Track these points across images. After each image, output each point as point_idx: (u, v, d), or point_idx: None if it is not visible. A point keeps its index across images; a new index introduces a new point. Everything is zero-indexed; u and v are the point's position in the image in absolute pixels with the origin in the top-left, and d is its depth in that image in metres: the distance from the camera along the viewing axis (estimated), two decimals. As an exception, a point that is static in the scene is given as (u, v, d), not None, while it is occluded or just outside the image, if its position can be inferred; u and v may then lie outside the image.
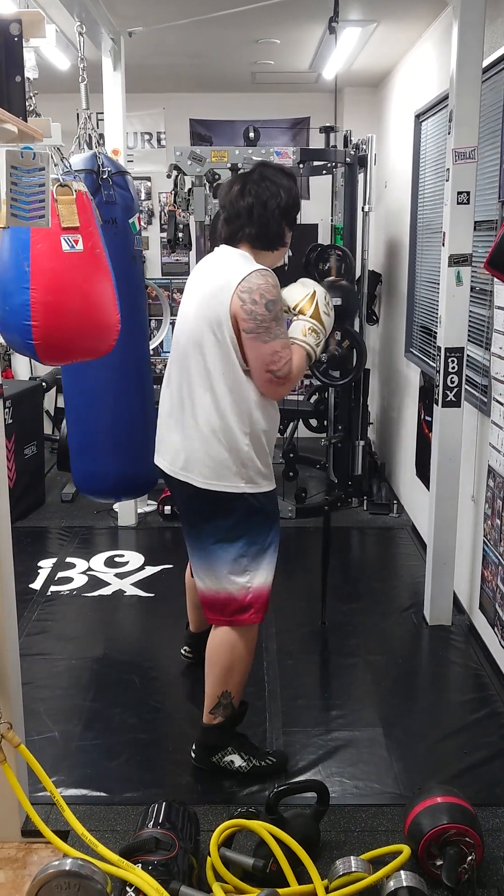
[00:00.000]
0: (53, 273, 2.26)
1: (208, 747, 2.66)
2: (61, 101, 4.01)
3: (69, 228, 2.23)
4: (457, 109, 3.20)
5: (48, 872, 2.00)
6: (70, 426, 3.52)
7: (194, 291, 2.55)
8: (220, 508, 2.52)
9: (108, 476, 3.49)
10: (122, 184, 3.26)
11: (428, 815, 2.22)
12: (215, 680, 2.64)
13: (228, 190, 2.57)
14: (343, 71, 5.56)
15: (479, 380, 3.52)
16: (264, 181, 2.52)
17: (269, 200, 2.49)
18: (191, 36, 4.64)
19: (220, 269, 2.50)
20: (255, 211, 2.49)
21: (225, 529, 2.53)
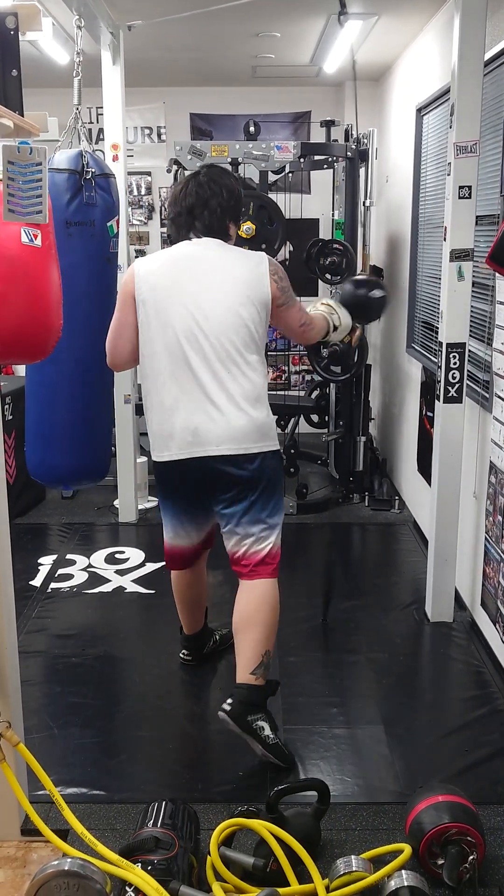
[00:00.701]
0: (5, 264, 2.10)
1: (250, 704, 2.64)
2: (61, 96, 3.98)
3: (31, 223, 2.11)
4: (458, 103, 3.17)
5: (47, 872, 1.99)
6: (28, 414, 3.53)
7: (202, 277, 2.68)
8: (277, 466, 2.80)
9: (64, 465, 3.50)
10: (105, 186, 3.24)
11: (429, 813, 2.21)
12: (259, 638, 2.70)
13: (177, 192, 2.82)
14: (344, 65, 5.53)
15: (480, 375, 3.50)
16: (205, 178, 2.77)
17: (209, 199, 2.75)
18: (191, 29, 4.61)
19: (235, 258, 2.74)
20: (196, 209, 2.75)
21: (276, 483, 2.81)
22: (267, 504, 2.75)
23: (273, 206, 4.61)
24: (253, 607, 2.73)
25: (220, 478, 2.72)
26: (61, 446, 3.39)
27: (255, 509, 2.74)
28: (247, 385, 2.66)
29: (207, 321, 2.63)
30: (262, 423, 2.70)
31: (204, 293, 2.65)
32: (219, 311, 2.64)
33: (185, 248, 2.75)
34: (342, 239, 5.12)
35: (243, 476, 2.71)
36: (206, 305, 2.64)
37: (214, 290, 2.66)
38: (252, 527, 2.75)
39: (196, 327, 2.64)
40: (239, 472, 2.70)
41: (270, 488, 2.76)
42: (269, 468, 2.75)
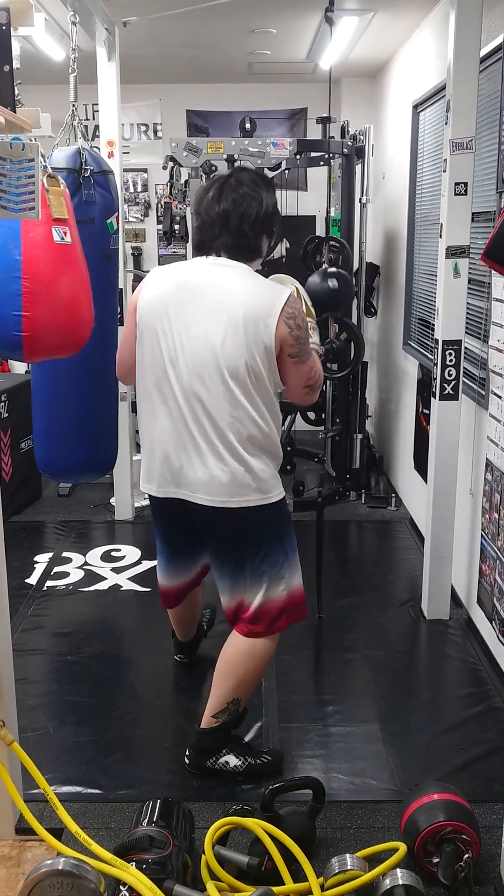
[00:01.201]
0: (45, 263, 2.22)
1: (204, 751, 2.61)
2: (56, 92, 3.97)
3: (59, 220, 2.20)
4: (454, 99, 3.17)
5: (41, 871, 1.98)
6: (34, 409, 3.53)
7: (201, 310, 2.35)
8: (267, 521, 2.48)
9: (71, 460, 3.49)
10: (104, 183, 3.23)
11: (424, 812, 2.20)
12: (229, 687, 2.58)
13: (203, 195, 2.46)
14: (340, 61, 5.52)
15: (476, 372, 3.49)
16: (241, 187, 2.41)
17: (246, 209, 2.39)
18: (187, 26, 4.60)
19: (249, 291, 2.35)
20: (231, 220, 2.39)
21: (271, 540, 2.51)
22: (255, 559, 2.50)
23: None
24: (231, 655, 2.59)
25: (201, 523, 2.52)
26: (66, 440, 3.39)
27: (241, 563, 2.51)
28: (233, 432, 2.36)
29: (199, 355, 2.34)
30: (247, 475, 2.38)
31: (199, 325, 2.34)
32: (207, 348, 2.33)
33: (198, 269, 2.43)
34: (339, 236, 5.11)
35: (223, 529, 2.50)
36: (198, 340, 2.34)
37: (212, 325, 2.33)
38: (238, 581, 2.53)
39: (185, 360, 2.36)
40: (218, 524, 2.48)
41: (258, 543, 2.49)
42: (257, 523, 2.46)
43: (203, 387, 2.35)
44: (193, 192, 4.70)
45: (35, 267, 2.20)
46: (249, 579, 2.52)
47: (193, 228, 2.51)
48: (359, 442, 5.25)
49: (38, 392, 3.46)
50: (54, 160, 3.15)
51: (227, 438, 2.36)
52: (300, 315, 2.36)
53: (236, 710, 2.60)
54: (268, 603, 2.53)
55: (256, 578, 2.52)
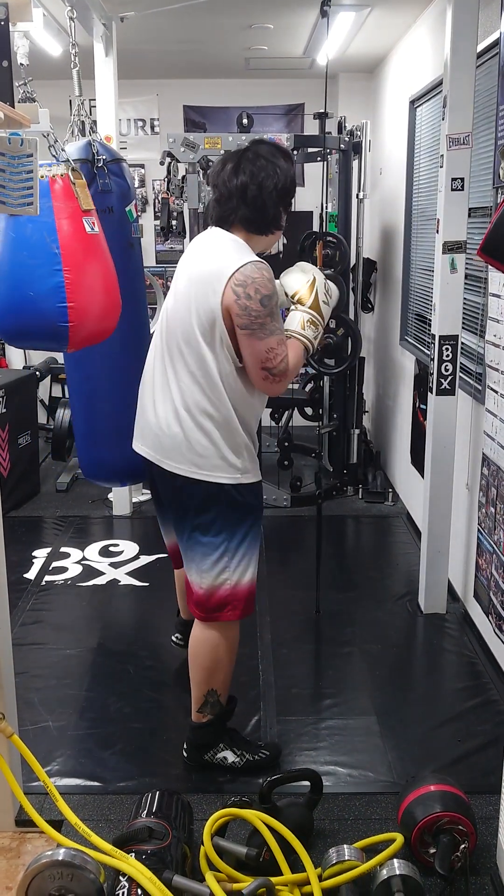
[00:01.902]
0: (81, 253, 2.28)
1: (200, 746, 2.62)
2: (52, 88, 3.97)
3: (87, 210, 2.26)
4: (451, 95, 3.18)
5: (41, 862, 2.00)
6: (75, 414, 3.50)
7: (184, 273, 2.43)
8: (203, 500, 2.41)
9: (114, 461, 3.46)
10: (118, 171, 3.23)
11: (421, 803, 2.22)
12: (200, 679, 2.58)
13: (221, 168, 2.42)
14: (337, 56, 5.52)
15: (473, 367, 3.51)
16: (259, 159, 2.38)
17: (264, 180, 2.35)
18: (183, 21, 4.60)
19: (211, 254, 2.37)
20: (250, 191, 2.36)
21: (207, 522, 2.42)
22: (201, 536, 2.43)
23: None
24: (192, 645, 2.57)
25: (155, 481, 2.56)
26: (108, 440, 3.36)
27: (191, 536, 2.45)
28: (185, 393, 2.36)
29: (171, 313, 2.42)
30: (190, 443, 2.36)
31: (175, 286, 2.44)
32: (174, 310, 2.40)
33: (203, 234, 2.50)
34: (336, 231, 5.11)
35: (165, 492, 2.52)
36: (170, 300, 2.44)
37: (182, 283, 2.40)
38: (190, 553, 2.47)
39: (167, 317, 2.44)
40: (160, 484, 2.52)
41: (195, 520, 2.42)
42: (195, 500, 2.41)
43: (167, 350, 2.41)
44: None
45: (73, 258, 2.26)
46: (190, 555, 2.48)
47: (211, 201, 2.47)
48: (356, 437, 5.26)
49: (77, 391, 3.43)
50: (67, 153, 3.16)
51: (176, 401, 2.37)
52: (252, 285, 2.26)
53: (216, 702, 2.58)
54: (209, 588, 2.45)
55: (198, 557, 2.45)
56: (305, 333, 2.44)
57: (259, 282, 2.27)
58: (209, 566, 2.44)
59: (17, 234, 2.27)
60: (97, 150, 3.15)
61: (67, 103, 3.39)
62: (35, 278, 2.27)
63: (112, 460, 3.41)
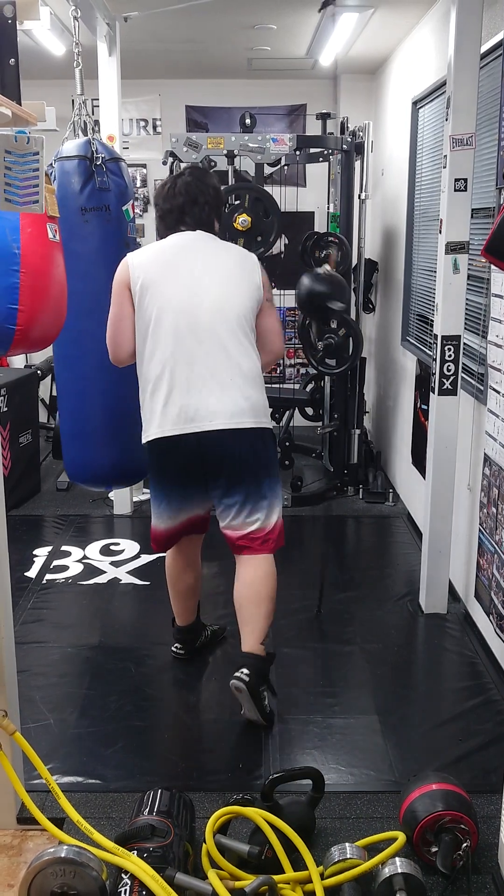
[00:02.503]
0: (40, 258, 2.22)
1: (262, 675, 2.82)
2: (56, 87, 3.99)
3: (52, 217, 2.21)
4: (454, 96, 3.18)
5: (44, 860, 2.00)
6: (62, 414, 3.49)
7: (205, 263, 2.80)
8: (270, 445, 2.89)
9: (101, 465, 3.45)
10: (116, 170, 3.24)
11: (423, 801, 2.22)
12: (267, 611, 2.87)
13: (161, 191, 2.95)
14: (340, 57, 5.53)
15: (475, 368, 3.51)
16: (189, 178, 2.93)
17: (198, 196, 2.89)
18: (187, 21, 4.61)
19: (226, 246, 2.92)
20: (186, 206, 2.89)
21: (273, 464, 2.92)
22: (265, 481, 2.85)
23: (269, 198, 4.62)
24: (260, 583, 2.86)
25: (215, 454, 2.80)
26: (94, 442, 3.36)
27: (253, 487, 2.83)
28: (245, 364, 2.77)
29: (210, 301, 2.75)
30: (256, 402, 2.80)
31: (204, 275, 2.78)
32: (220, 292, 2.77)
33: (177, 238, 2.88)
34: (338, 232, 5.12)
35: (240, 452, 2.80)
36: (207, 286, 2.76)
37: (213, 272, 2.79)
38: (253, 504, 2.84)
39: (198, 307, 2.74)
40: (236, 448, 2.79)
41: (267, 465, 2.87)
42: (264, 446, 2.86)
43: (221, 327, 2.75)
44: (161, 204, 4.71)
45: (32, 261, 2.20)
46: (268, 499, 2.87)
47: (157, 218, 2.96)
48: (357, 437, 5.27)
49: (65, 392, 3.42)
50: (65, 150, 3.16)
51: (241, 371, 2.76)
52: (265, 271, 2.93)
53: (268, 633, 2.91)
54: (279, 520, 2.91)
55: (272, 498, 2.88)
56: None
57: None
58: (277, 502, 2.91)
59: None
60: (96, 149, 3.15)
61: (70, 103, 3.41)
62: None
63: (100, 463, 3.41)
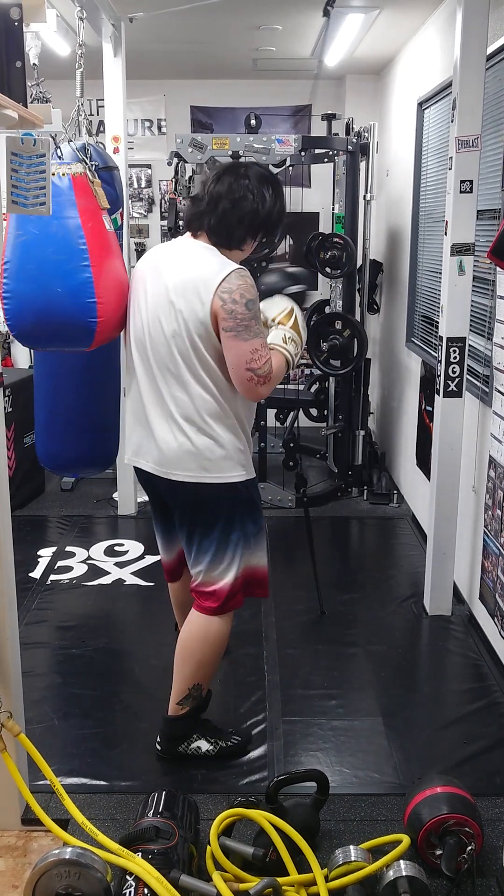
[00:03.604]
0: (104, 250, 2.31)
1: (175, 737, 2.66)
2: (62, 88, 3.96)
3: (105, 209, 2.29)
4: (460, 97, 3.17)
5: (48, 861, 2.00)
6: (36, 406, 3.53)
7: (157, 284, 2.42)
8: (217, 500, 2.47)
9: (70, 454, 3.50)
10: (108, 179, 3.23)
11: (427, 804, 2.22)
12: (189, 673, 2.61)
13: (210, 174, 2.52)
14: (345, 58, 5.52)
15: (480, 370, 3.51)
16: (245, 179, 2.42)
17: (240, 199, 2.40)
18: (192, 22, 4.60)
19: (189, 264, 2.39)
20: (222, 204, 2.40)
21: (224, 520, 2.50)
22: (207, 538, 2.51)
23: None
24: (189, 640, 2.60)
25: (163, 492, 2.58)
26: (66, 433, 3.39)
27: (195, 540, 2.53)
28: (184, 404, 2.39)
29: (152, 327, 2.42)
30: (199, 449, 2.41)
31: (156, 297, 2.42)
32: (159, 319, 2.40)
33: (171, 245, 2.55)
34: (342, 233, 5.12)
35: (175, 502, 2.54)
36: (153, 311, 2.42)
37: (162, 295, 2.40)
38: (197, 556, 2.55)
39: (146, 332, 2.44)
40: (171, 496, 2.54)
41: (211, 524, 2.49)
42: (208, 502, 2.47)
43: (157, 360, 2.42)
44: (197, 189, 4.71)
45: (98, 255, 2.31)
46: (202, 555, 2.53)
47: (187, 204, 2.59)
48: (361, 439, 5.26)
49: (40, 386, 3.46)
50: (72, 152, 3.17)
51: (176, 412, 2.41)
52: (238, 290, 2.31)
53: (199, 695, 2.63)
54: (227, 581, 2.53)
55: (221, 554, 2.51)
56: (287, 347, 2.53)
57: (243, 287, 2.34)
58: (227, 560, 2.52)
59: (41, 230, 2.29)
60: (90, 155, 3.15)
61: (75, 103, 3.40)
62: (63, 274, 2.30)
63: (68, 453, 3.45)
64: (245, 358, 2.34)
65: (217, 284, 2.31)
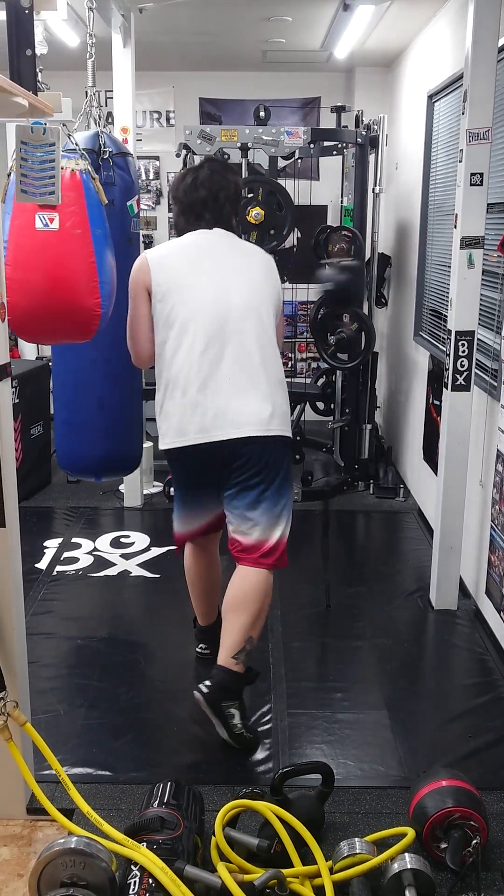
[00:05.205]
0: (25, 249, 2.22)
1: (227, 690, 2.65)
2: (71, 79, 3.95)
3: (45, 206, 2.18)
4: (471, 89, 3.16)
5: (53, 850, 2.00)
6: (56, 404, 3.50)
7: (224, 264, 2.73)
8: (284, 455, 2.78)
9: (92, 456, 3.45)
10: (123, 165, 3.22)
11: (433, 798, 2.22)
12: (245, 624, 2.68)
13: (179, 183, 2.84)
14: (355, 50, 5.50)
15: (489, 363, 3.49)
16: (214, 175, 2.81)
17: (220, 192, 2.79)
18: (202, 13, 4.59)
19: (248, 248, 2.86)
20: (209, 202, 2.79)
21: (288, 471, 2.80)
22: (279, 491, 2.73)
23: (282, 191, 4.60)
24: (247, 593, 2.70)
25: (236, 460, 2.68)
26: (89, 436, 3.36)
27: (267, 495, 2.70)
28: (273, 370, 2.70)
29: (239, 305, 2.66)
30: (282, 409, 2.72)
31: (231, 276, 2.70)
32: (248, 296, 2.68)
33: (197, 237, 2.78)
34: (351, 226, 5.10)
35: (259, 458, 2.69)
36: (237, 290, 2.68)
37: (241, 273, 2.72)
38: (263, 516, 2.70)
39: (227, 311, 2.65)
40: (258, 455, 2.68)
41: (281, 478, 2.75)
42: (282, 456, 2.75)
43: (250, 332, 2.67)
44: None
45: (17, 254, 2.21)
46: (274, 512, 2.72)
47: (176, 212, 2.87)
48: (367, 432, 5.26)
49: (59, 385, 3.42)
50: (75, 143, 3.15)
51: (270, 376, 2.68)
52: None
53: (251, 651, 2.69)
54: (284, 535, 2.75)
55: (280, 512, 2.73)
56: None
57: None
58: (284, 520, 2.75)
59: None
60: (104, 142, 3.14)
61: (84, 94, 3.39)
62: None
63: (91, 454, 3.41)
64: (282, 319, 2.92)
65: (275, 267, 2.84)
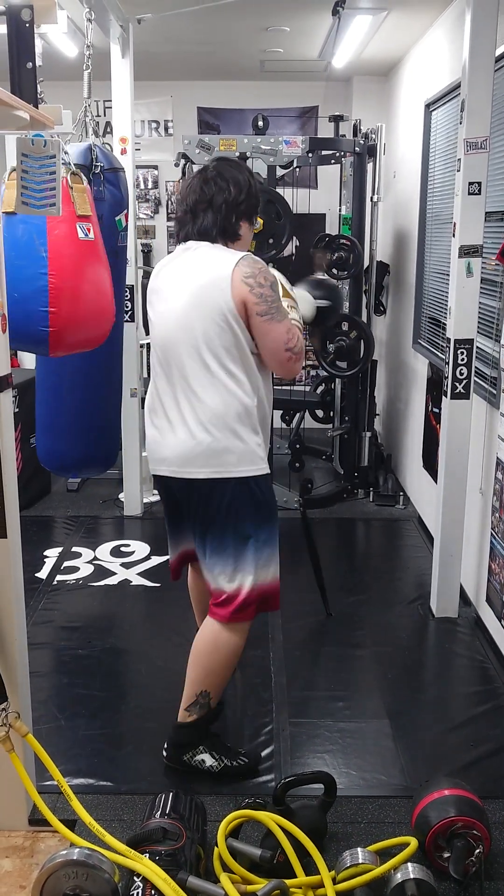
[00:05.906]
0: (70, 259, 2.26)
1: (180, 745, 2.62)
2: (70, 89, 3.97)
3: (83, 216, 2.24)
4: (469, 99, 3.17)
5: (56, 862, 2.00)
6: (38, 404, 3.55)
7: (179, 288, 2.44)
8: (231, 498, 2.46)
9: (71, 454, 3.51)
10: (114, 180, 3.24)
11: (435, 807, 2.22)
12: (198, 678, 2.58)
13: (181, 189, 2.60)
14: (353, 59, 5.52)
15: (488, 371, 3.50)
16: (213, 180, 2.50)
17: (215, 196, 2.48)
18: (200, 23, 4.61)
19: (204, 263, 2.43)
20: (200, 208, 2.49)
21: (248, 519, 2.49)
22: (223, 536, 2.48)
23: (281, 200, 4.61)
24: (197, 644, 2.59)
25: (180, 498, 2.57)
26: (68, 435, 3.41)
27: (209, 539, 2.50)
28: (197, 405, 2.40)
29: (167, 333, 2.46)
30: (213, 447, 2.40)
31: (169, 303, 2.46)
32: (174, 324, 2.43)
33: (175, 255, 2.56)
34: (349, 234, 5.12)
35: (191, 501, 2.51)
36: (167, 317, 2.46)
37: (174, 301, 2.44)
38: (211, 561, 2.52)
39: (167, 336, 2.46)
40: (184, 495, 2.53)
41: (230, 520, 2.46)
42: (223, 499, 2.45)
43: (185, 357, 2.41)
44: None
45: (60, 263, 2.25)
46: (229, 560, 2.49)
47: (175, 223, 2.62)
48: (367, 440, 5.26)
49: (41, 385, 3.48)
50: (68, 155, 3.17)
51: (200, 408, 2.40)
52: (260, 274, 2.37)
53: (207, 704, 2.58)
54: (244, 586, 2.49)
55: (238, 560, 2.49)
56: (295, 316, 2.54)
57: (263, 270, 2.40)
58: (246, 567, 2.49)
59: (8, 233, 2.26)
60: (96, 157, 3.15)
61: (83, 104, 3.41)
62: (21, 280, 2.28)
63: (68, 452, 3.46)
64: (283, 339, 2.41)
65: (232, 270, 2.35)
